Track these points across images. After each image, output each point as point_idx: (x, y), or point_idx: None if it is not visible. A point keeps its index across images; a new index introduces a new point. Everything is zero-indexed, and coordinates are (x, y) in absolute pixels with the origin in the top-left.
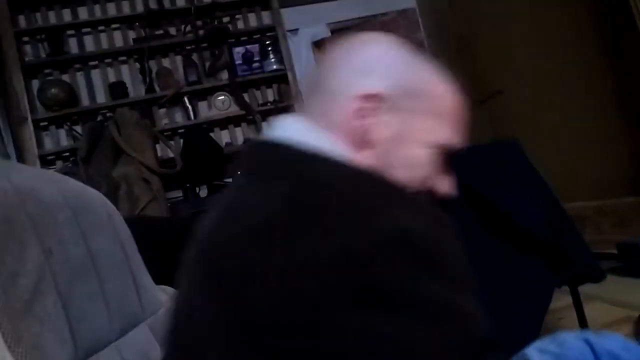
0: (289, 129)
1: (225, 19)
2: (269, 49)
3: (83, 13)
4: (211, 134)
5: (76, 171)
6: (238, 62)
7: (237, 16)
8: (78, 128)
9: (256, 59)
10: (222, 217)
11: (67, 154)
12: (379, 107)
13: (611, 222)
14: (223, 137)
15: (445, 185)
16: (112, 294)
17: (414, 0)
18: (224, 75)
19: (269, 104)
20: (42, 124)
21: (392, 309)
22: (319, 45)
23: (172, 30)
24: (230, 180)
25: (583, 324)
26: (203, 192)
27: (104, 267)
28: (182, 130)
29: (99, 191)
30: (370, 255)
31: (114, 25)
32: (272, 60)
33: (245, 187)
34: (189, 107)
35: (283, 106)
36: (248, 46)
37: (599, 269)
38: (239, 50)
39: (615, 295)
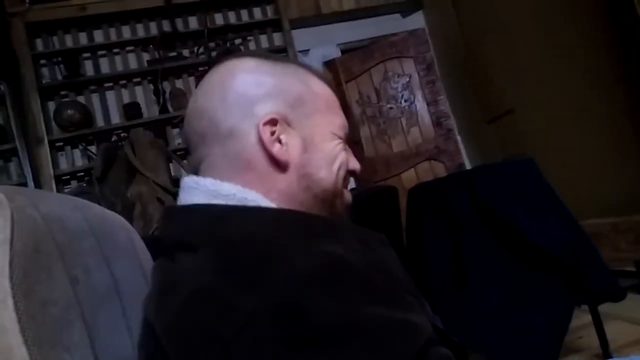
0: (196, 191)
1: (238, 41)
2: None
3: (99, 36)
4: None
5: (91, 191)
6: None
7: (248, 37)
8: (93, 148)
9: None
10: (159, 292)
11: (82, 173)
12: (280, 128)
13: (628, 239)
14: None
15: (354, 162)
16: (135, 322)
17: (423, 20)
18: None
19: None
20: (57, 144)
21: (333, 345)
22: (329, 65)
23: (186, 52)
24: None
25: (604, 343)
26: None
27: (127, 293)
28: None
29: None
30: (297, 302)
31: (128, 48)
32: None
33: (175, 259)
34: None
35: None
36: None
37: (619, 288)
38: None
39: (635, 314)
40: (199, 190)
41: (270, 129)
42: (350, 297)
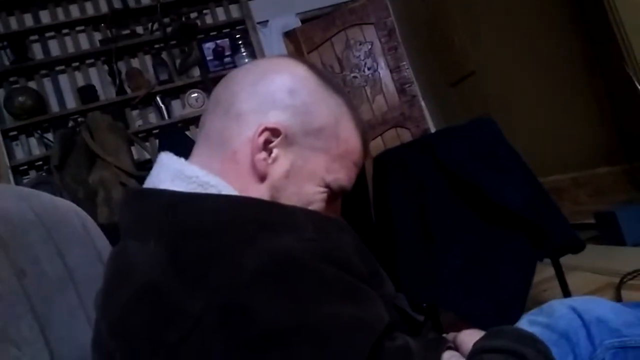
0: (163, 168)
1: (193, 15)
2: (240, 42)
3: (45, 17)
4: (187, 132)
5: (51, 180)
6: (209, 57)
7: (204, 11)
8: (49, 135)
9: (227, 53)
10: (107, 287)
11: (40, 162)
12: (278, 142)
13: (587, 192)
14: None
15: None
16: (93, 310)
17: None
18: (196, 72)
19: None
20: (11, 133)
21: (281, 348)
22: (289, 35)
23: (139, 29)
24: None
25: (567, 294)
26: None
27: (83, 282)
28: (157, 131)
29: (76, 198)
30: (243, 302)
31: (78, 28)
32: (244, 53)
33: (127, 250)
34: (162, 106)
35: None
36: (218, 41)
37: (579, 240)
38: (209, 46)
39: (595, 264)
40: (165, 167)
41: (269, 137)
42: (299, 296)
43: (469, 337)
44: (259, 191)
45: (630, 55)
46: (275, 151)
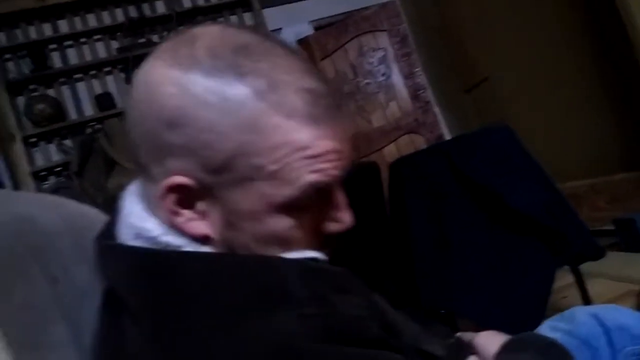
0: (124, 226)
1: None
2: None
3: (63, 26)
4: None
5: (70, 185)
6: None
7: (219, 19)
8: (68, 142)
9: None
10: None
11: (60, 168)
12: (195, 195)
13: (605, 199)
14: None
15: (337, 224)
16: None
17: None
18: None
19: None
20: (31, 140)
21: None
22: (303, 43)
23: (155, 38)
24: None
25: (587, 301)
26: None
27: None
28: None
29: (95, 203)
30: None
31: (96, 37)
32: None
33: (108, 323)
34: None
35: None
36: None
37: (598, 247)
38: None
39: (615, 271)
40: (124, 223)
41: (180, 197)
42: None
43: (489, 339)
44: (215, 248)
45: None
46: (198, 205)
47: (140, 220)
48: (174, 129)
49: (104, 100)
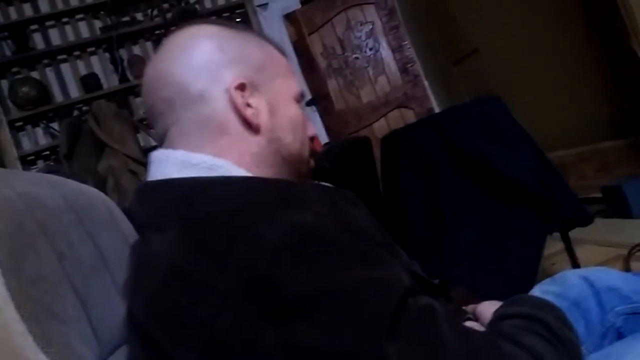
0: (166, 163)
1: (192, 0)
2: None
3: (44, 6)
4: None
5: (60, 169)
6: None
7: None
8: (55, 125)
9: None
10: (134, 276)
11: (48, 152)
12: (249, 93)
13: (593, 167)
14: None
15: (311, 128)
16: None
17: None
18: None
19: None
20: (17, 124)
21: (310, 313)
22: (290, 18)
23: (139, 16)
24: None
25: (576, 266)
26: None
27: (114, 263)
28: None
29: None
30: (268, 274)
31: (78, 16)
32: None
33: (148, 241)
34: None
35: None
36: None
37: (587, 213)
38: None
39: (604, 237)
40: (166, 162)
41: (242, 94)
42: (321, 264)
43: (489, 308)
44: (261, 142)
45: (634, 30)
46: (251, 101)
47: (183, 155)
48: (222, 50)
49: (90, 81)
